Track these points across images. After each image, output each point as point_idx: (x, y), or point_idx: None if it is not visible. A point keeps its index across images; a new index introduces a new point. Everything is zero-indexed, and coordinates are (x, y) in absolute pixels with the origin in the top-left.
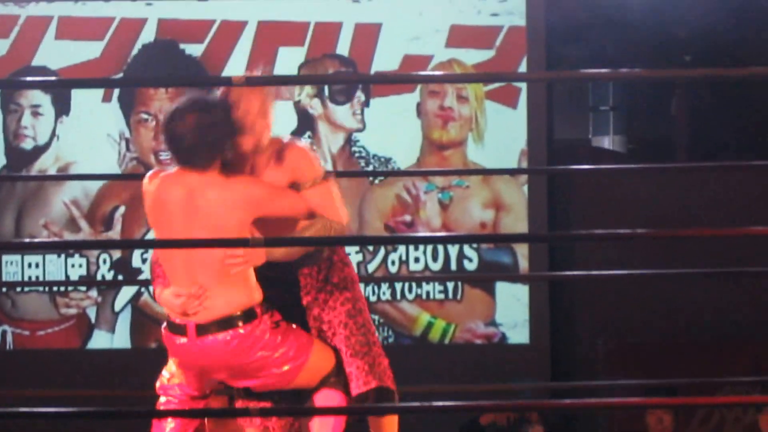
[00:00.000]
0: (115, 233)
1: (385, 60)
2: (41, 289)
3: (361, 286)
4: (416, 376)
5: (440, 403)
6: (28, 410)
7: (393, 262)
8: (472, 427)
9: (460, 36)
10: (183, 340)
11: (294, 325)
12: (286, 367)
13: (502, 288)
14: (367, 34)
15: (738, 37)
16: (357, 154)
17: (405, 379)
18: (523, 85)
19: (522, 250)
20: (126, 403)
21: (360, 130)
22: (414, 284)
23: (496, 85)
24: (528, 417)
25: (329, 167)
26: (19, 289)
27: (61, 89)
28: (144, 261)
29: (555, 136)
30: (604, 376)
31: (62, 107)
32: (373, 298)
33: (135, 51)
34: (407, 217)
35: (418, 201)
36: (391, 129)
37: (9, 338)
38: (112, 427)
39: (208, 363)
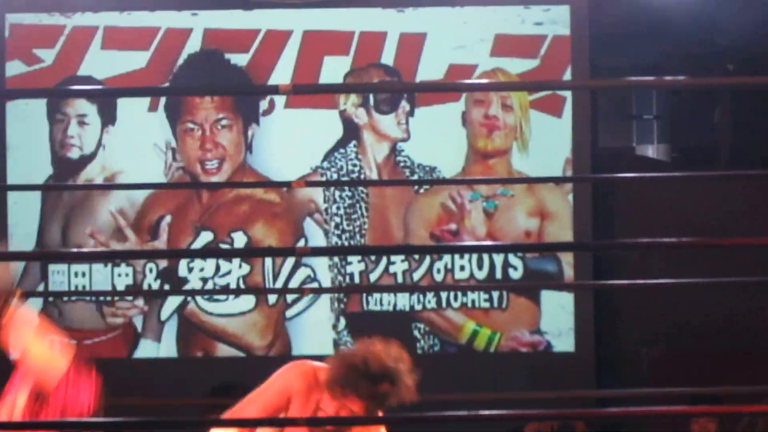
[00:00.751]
0: (161, 243)
1: (429, 69)
2: (88, 298)
3: (407, 295)
4: (461, 384)
5: (486, 412)
6: (74, 420)
7: (438, 271)
8: None
9: (504, 45)
10: None
11: None
12: None
13: (547, 296)
14: (412, 44)
15: None
16: (402, 164)
17: (450, 387)
18: (568, 94)
19: (567, 258)
20: (172, 412)
21: (405, 140)
22: (459, 292)
23: (541, 94)
24: (573, 426)
25: (374, 176)
26: (65, 298)
27: (107, 98)
28: (190, 270)
29: (599, 144)
30: (649, 384)
31: (108, 117)
32: (418, 307)
33: (180, 61)
34: (452, 226)
35: (462, 210)
36: (436, 138)
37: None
38: None
39: None
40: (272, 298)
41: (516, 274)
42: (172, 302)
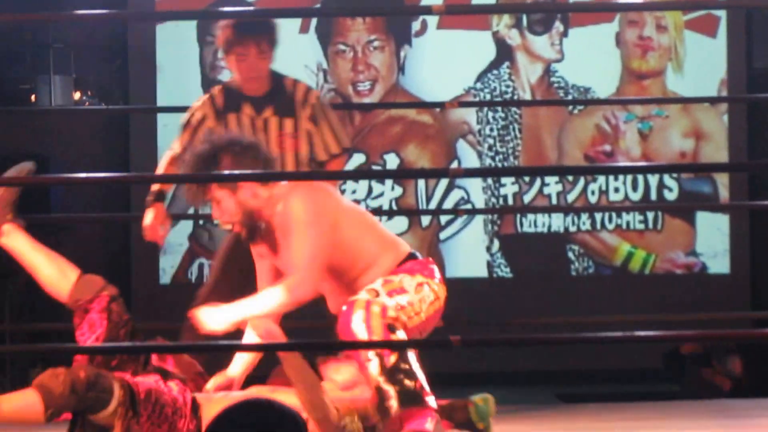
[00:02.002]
0: None
1: None
2: None
3: (561, 216)
4: (617, 306)
5: (642, 333)
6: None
7: (593, 192)
8: (674, 357)
9: None
10: None
11: None
12: None
13: (702, 217)
14: None
15: None
16: (555, 84)
17: (606, 309)
18: (722, 14)
19: (722, 179)
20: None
21: (558, 60)
22: (614, 214)
23: (696, 14)
24: (728, 347)
25: (527, 97)
26: (216, 221)
27: (257, 20)
28: (342, 192)
29: (754, 64)
30: None
31: None
32: (572, 229)
33: None
34: (607, 147)
35: (617, 131)
36: (590, 59)
37: (206, 271)
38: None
39: None
40: (425, 220)
41: (671, 196)
42: None
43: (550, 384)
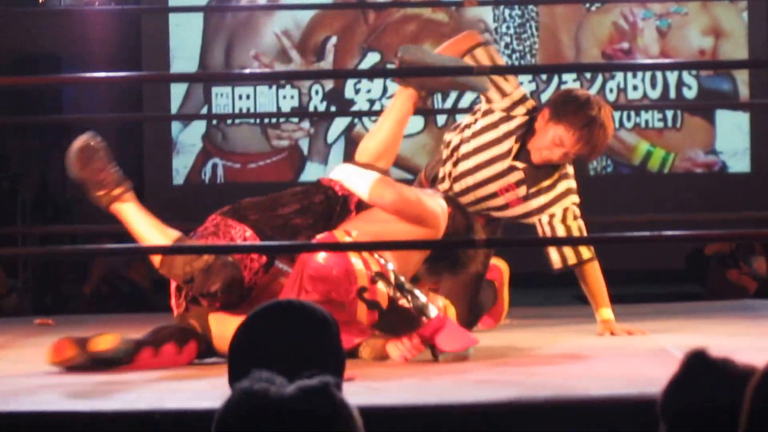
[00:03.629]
0: (327, 63)
1: None
2: (252, 121)
3: None
4: (637, 205)
5: (671, 233)
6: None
7: (611, 90)
8: (697, 258)
9: None
10: None
11: None
12: None
13: (722, 116)
14: None
15: None
16: None
17: (625, 208)
18: None
19: (742, 77)
20: None
21: None
22: (633, 113)
23: None
24: (753, 248)
25: None
26: (230, 121)
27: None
28: (357, 92)
29: None
30: None
31: None
32: None
33: None
34: (624, 45)
35: (635, 28)
36: None
37: (220, 171)
38: None
39: None
40: (441, 120)
41: (690, 94)
42: (339, 124)
43: (568, 286)
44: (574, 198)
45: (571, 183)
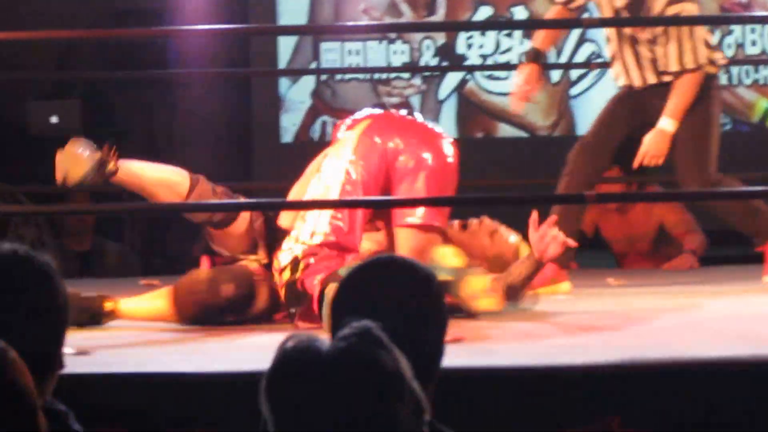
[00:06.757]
0: (438, 17)
1: None
2: (362, 76)
3: None
4: (755, 163)
5: None
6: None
7: (729, 46)
8: None
9: None
10: None
11: None
12: None
13: None
14: None
15: None
16: None
17: (745, 167)
18: None
19: None
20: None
21: None
22: (751, 68)
23: None
24: None
25: None
26: (339, 77)
27: None
28: (469, 47)
29: None
30: None
31: None
32: None
33: None
34: None
35: None
36: None
37: (329, 129)
38: None
39: None
40: (556, 76)
41: None
42: (451, 80)
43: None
44: None
45: None
